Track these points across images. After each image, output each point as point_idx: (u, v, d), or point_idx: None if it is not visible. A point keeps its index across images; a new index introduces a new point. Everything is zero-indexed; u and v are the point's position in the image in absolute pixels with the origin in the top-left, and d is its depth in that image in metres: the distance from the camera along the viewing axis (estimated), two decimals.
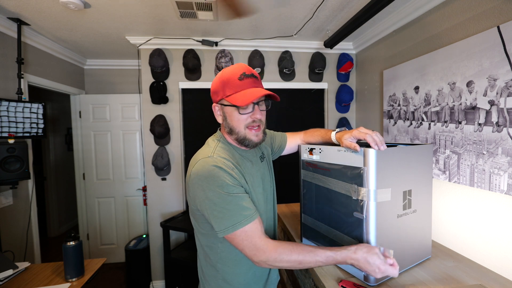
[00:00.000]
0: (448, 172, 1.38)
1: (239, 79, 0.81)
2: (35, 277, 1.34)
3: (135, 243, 2.50)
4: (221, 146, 0.87)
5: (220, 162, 0.79)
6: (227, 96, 0.81)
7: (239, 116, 0.82)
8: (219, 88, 0.84)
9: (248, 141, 0.85)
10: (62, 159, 3.89)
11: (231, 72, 0.82)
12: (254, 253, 0.75)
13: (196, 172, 0.78)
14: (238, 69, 0.83)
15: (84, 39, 2.26)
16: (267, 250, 0.75)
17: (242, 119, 0.83)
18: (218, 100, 0.85)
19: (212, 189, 0.75)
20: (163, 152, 2.30)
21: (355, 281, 0.94)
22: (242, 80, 0.81)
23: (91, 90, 2.96)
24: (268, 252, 0.75)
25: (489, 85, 1.15)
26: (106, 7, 1.69)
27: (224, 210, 0.75)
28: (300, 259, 0.75)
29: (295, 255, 0.75)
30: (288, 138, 1.19)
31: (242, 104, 0.78)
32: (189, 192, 0.81)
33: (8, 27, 1.84)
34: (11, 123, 1.78)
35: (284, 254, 0.75)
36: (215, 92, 0.86)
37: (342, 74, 2.48)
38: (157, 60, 2.19)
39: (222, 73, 0.84)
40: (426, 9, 1.55)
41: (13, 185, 1.79)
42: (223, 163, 0.79)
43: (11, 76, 1.89)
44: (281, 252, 0.75)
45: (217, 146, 0.86)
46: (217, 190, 0.75)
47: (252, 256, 0.75)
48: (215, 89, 0.86)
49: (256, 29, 2.09)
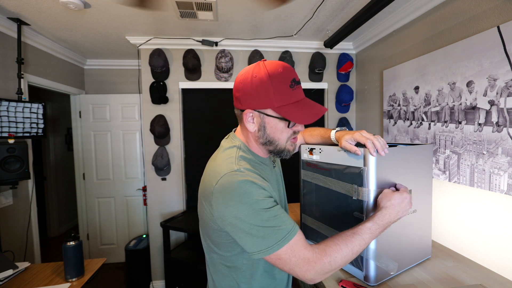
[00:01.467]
0: (448, 172, 1.38)
1: (291, 87, 0.69)
2: (35, 277, 1.34)
3: (135, 243, 2.50)
4: (242, 156, 0.75)
5: (250, 175, 0.67)
6: (280, 107, 0.69)
7: (287, 130, 0.73)
8: (262, 94, 0.69)
9: (286, 152, 0.78)
10: (62, 159, 3.89)
11: (280, 76, 0.68)
12: (307, 269, 0.64)
13: (222, 189, 0.66)
14: (286, 72, 0.69)
15: (84, 39, 2.26)
16: (319, 258, 0.64)
17: (286, 131, 0.74)
18: (261, 108, 0.71)
19: (246, 208, 0.64)
20: (163, 152, 2.30)
21: (355, 281, 0.94)
22: (293, 89, 0.70)
23: (91, 90, 2.96)
24: (321, 259, 0.64)
25: (489, 85, 1.15)
26: (106, 7, 1.69)
27: (264, 228, 0.64)
28: (350, 248, 0.67)
29: (344, 247, 0.67)
30: None
31: (304, 123, 0.70)
32: (211, 210, 0.68)
33: (8, 27, 1.84)
34: (11, 123, 1.78)
35: (335, 252, 0.66)
36: (254, 97, 0.70)
37: (342, 74, 2.48)
38: (157, 60, 2.19)
39: (270, 76, 0.68)
40: (426, 9, 1.55)
41: (13, 185, 1.79)
42: (254, 177, 0.68)
43: (11, 76, 1.89)
44: (331, 252, 0.66)
45: (238, 155, 0.74)
46: (253, 207, 0.64)
47: (305, 273, 0.64)
48: (254, 93, 0.70)
49: (256, 29, 2.09)
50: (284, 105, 0.69)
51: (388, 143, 1.06)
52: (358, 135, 0.83)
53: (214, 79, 2.38)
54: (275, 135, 0.74)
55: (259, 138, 0.75)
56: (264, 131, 0.74)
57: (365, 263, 0.92)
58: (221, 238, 0.72)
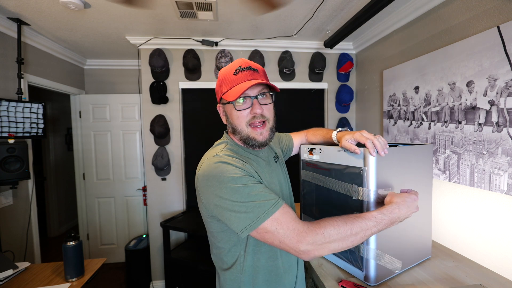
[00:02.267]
0: (448, 172, 1.38)
1: (234, 74, 0.76)
2: (35, 277, 1.34)
3: (135, 243, 2.50)
4: (229, 148, 0.81)
5: (226, 158, 0.73)
6: (223, 94, 0.78)
7: (237, 113, 0.77)
8: (218, 87, 0.82)
9: (252, 141, 0.79)
10: (62, 159, 3.89)
11: (228, 68, 0.79)
12: (298, 239, 0.63)
13: (202, 173, 0.72)
14: (235, 64, 0.79)
15: (84, 39, 2.26)
16: (311, 230, 0.63)
17: (241, 115, 0.77)
18: (219, 99, 0.82)
19: (224, 186, 0.67)
20: (163, 152, 2.30)
21: (355, 281, 0.94)
22: (237, 74, 0.76)
23: (91, 90, 2.96)
24: (313, 230, 0.63)
25: (489, 85, 1.15)
26: (106, 7, 1.69)
27: (245, 203, 0.65)
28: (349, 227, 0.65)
29: (342, 224, 0.65)
30: (294, 138, 1.16)
31: (232, 99, 0.73)
32: (201, 199, 0.73)
33: (8, 27, 1.84)
34: (11, 123, 1.78)
35: (330, 226, 0.64)
36: (216, 91, 0.84)
37: (342, 74, 2.48)
38: (157, 60, 2.19)
39: (221, 71, 0.81)
40: (426, 9, 1.55)
41: (13, 185, 1.79)
42: (230, 159, 0.73)
43: (11, 76, 1.89)
44: (325, 225, 0.64)
45: (224, 148, 0.80)
46: (230, 185, 0.66)
47: (297, 244, 0.63)
48: (216, 88, 0.84)
49: (256, 29, 2.09)
50: (227, 90, 0.77)
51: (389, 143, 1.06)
52: (358, 135, 0.84)
53: (214, 79, 2.38)
54: (234, 121, 0.79)
55: (228, 128, 0.83)
56: (228, 121, 0.82)
57: (365, 263, 0.92)
58: (214, 226, 0.75)
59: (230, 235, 0.75)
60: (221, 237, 0.76)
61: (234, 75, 0.76)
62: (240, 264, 0.77)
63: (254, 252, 0.77)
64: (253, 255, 0.77)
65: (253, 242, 0.76)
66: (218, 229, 0.76)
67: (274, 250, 0.79)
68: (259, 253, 0.77)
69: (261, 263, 0.77)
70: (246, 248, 0.76)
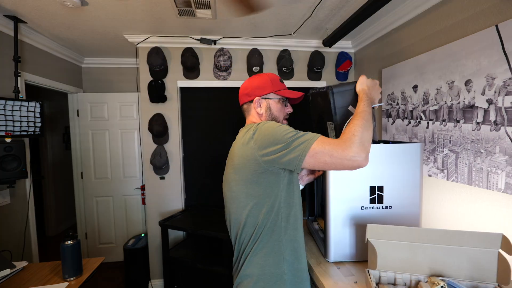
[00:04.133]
0: (446, 171, 1.39)
1: (281, 81, 1.03)
2: (33, 277, 1.34)
3: (133, 242, 2.50)
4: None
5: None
6: (277, 91, 1.00)
7: (283, 108, 1.03)
8: (267, 84, 1.00)
9: None
10: (60, 158, 3.87)
11: (273, 75, 1.04)
12: (346, 144, 0.77)
13: (263, 128, 0.87)
14: (276, 74, 1.06)
15: (81, 37, 2.25)
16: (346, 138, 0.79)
17: (284, 111, 1.04)
18: (266, 93, 1.00)
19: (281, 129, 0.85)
20: (162, 151, 2.30)
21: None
22: (282, 82, 1.04)
23: (89, 89, 2.95)
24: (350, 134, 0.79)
25: (487, 84, 1.16)
26: (103, 5, 1.68)
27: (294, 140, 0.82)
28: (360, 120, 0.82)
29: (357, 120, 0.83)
30: None
31: (293, 96, 1.01)
32: (256, 152, 0.86)
33: (4, 25, 1.82)
34: (8, 122, 1.77)
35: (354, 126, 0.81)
36: (262, 87, 1.00)
37: (341, 73, 2.47)
38: (155, 59, 2.18)
39: (267, 75, 1.03)
40: (425, 8, 1.55)
41: (10, 184, 1.78)
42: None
43: (8, 74, 1.87)
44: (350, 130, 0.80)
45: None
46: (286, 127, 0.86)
47: (346, 148, 0.77)
48: (262, 84, 1.00)
49: (254, 27, 2.09)
50: (279, 90, 1.01)
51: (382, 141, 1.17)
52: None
53: (213, 78, 2.37)
54: (276, 113, 1.01)
55: (267, 118, 1.01)
56: (270, 111, 1.01)
57: None
58: (264, 178, 0.88)
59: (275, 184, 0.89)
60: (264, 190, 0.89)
61: (281, 82, 1.03)
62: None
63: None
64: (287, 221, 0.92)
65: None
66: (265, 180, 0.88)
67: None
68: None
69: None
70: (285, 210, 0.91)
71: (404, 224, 1.02)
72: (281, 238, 0.90)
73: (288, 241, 0.91)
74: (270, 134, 0.85)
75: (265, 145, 0.84)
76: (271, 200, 0.89)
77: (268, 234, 0.90)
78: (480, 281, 0.81)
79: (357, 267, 1.04)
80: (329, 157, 0.79)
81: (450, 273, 0.84)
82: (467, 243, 0.82)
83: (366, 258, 1.02)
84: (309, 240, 1.33)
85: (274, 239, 0.90)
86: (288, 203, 0.92)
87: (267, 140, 0.84)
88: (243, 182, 0.91)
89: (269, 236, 0.90)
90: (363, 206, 1.04)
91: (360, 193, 1.04)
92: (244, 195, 0.91)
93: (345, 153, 0.77)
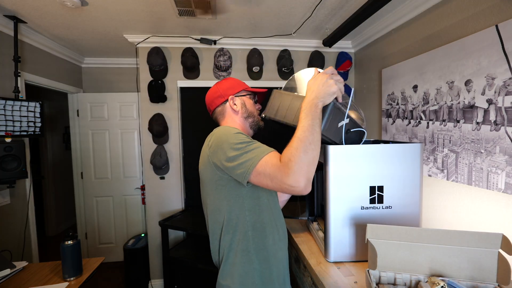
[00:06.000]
0: (446, 171, 1.39)
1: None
2: (33, 277, 1.34)
3: (133, 242, 2.50)
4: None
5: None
6: (246, 88, 1.06)
7: (254, 104, 1.07)
8: (236, 84, 1.05)
9: (260, 125, 1.07)
10: (60, 158, 3.87)
11: (236, 78, 1.10)
12: (284, 171, 0.71)
13: (218, 134, 0.88)
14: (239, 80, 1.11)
15: (81, 37, 2.24)
16: (285, 160, 0.73)
17: (255, 106, 1.07)
18: (238, 91, 1.04)
19: (234, 138, 0.82)
20: (162, 151, 2.30)
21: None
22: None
23: (89, 89, 2.95)
24: (286, 158, 0.73)
25: (487, 84, 1.15)
26: (103, 5, 1.68)
27: (246, 150, 0.79)
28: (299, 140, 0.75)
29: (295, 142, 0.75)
30: None
31: (261, 91, 1.07)
32: (213, 157, 0.85)
33: (4, 25, 1.82)
34: (8, 122, 1.77)
35: (289, 149, 0.74)
36: (232, 87, 1.04)
37: (341, 73, 2.47)
38: (155, 59, 2.18)
39: (231, 78, 1.09)
40: (425, 7, 1.55)
41: (10, 184, 1.78)
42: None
43: (8, 74, 1.87)
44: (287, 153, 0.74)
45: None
46: (240, 138, 0.83)
47: (284, 176, 0.71)
48: (231, 85, 1.04)
49: (254, 27, 2.08)
50: (247, 88, 1.07)
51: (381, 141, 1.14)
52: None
53: (213, 78, 2.37)
54: (251, 108, 1.05)
55: (243, 113, 1.03)
56: (245, 107, 1.03)
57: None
58: (221, 184, 0.86)
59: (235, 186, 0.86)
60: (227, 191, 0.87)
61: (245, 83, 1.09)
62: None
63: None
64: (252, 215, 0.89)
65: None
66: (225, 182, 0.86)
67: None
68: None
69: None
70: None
71: (404, 224, 1.02)
72: (249, 247, 0.86)
73: (257, 250, 0.87)
74: (223, 141, 0.83)
75: (216, 152, 0.84)
76: (232, 207, 0.86)
77: (235, 242, 0.86)
78: (480, 281, 0.81)
79: (357, 267, 1.04)
80: (270, 181, 0.75)
81: (450, 273, 0.84)
82: (467, 243, 0.81)
83: (366, 258, 1.02)
84: (309, 240, 1.33)
85: (241, 248, 0.86)
86: (252, 210, 0.87)
87: (219, 148, 0.83)
88: (206, 186, 0.92)
89: (236, 244, 0.86)
90: (363, 206, 1.04)
91: (360, 193, 1.04)
92: (209, 199, 0.92)
93: (283, 180, 0.72)
